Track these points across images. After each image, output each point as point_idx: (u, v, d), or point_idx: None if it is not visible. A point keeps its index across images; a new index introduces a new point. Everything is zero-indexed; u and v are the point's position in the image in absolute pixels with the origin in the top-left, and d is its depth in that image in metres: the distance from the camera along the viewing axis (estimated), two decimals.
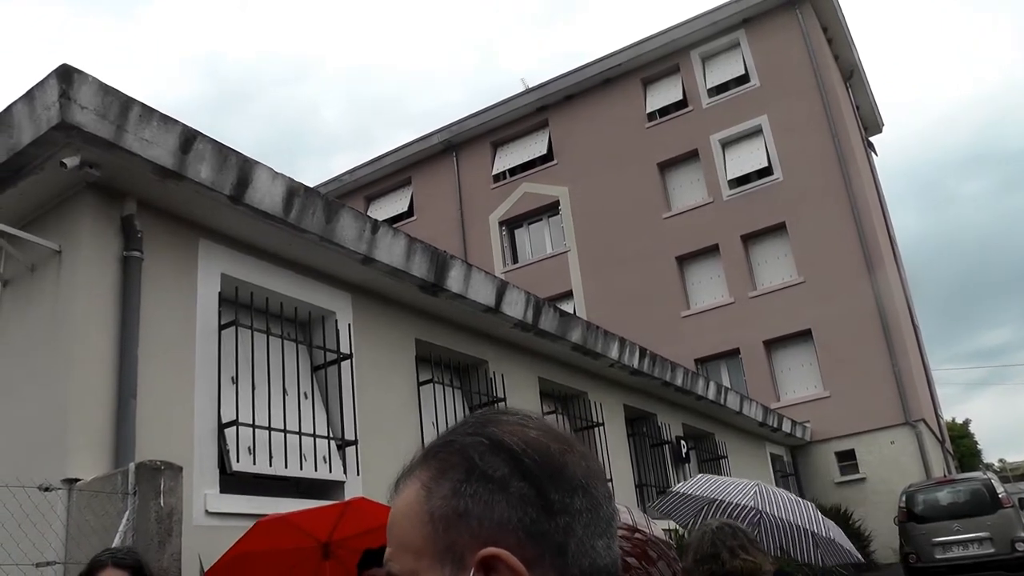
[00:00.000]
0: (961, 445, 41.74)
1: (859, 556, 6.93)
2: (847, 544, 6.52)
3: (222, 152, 5.52)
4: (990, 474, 14.39)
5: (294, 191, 6.08)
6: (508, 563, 0.77)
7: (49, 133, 4.68)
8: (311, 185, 6.44)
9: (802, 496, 19.20)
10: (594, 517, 0.84)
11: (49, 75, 4.67)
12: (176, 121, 5.21)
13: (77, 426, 4.79)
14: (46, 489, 4.32)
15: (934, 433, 22.14)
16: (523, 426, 0.87)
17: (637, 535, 4.04)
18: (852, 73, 26.16)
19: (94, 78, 4.75)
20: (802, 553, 6.50)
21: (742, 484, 6.84)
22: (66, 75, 4.62)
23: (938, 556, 11.93)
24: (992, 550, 11.68)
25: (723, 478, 7.18)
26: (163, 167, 5.11)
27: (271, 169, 5.91)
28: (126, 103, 4.90)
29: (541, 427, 0.87)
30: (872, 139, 30.29)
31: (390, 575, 0.85)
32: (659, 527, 4.02)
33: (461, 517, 0.81)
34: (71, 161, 4.80)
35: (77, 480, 4.63)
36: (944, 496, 12.87)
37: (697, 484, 6.85)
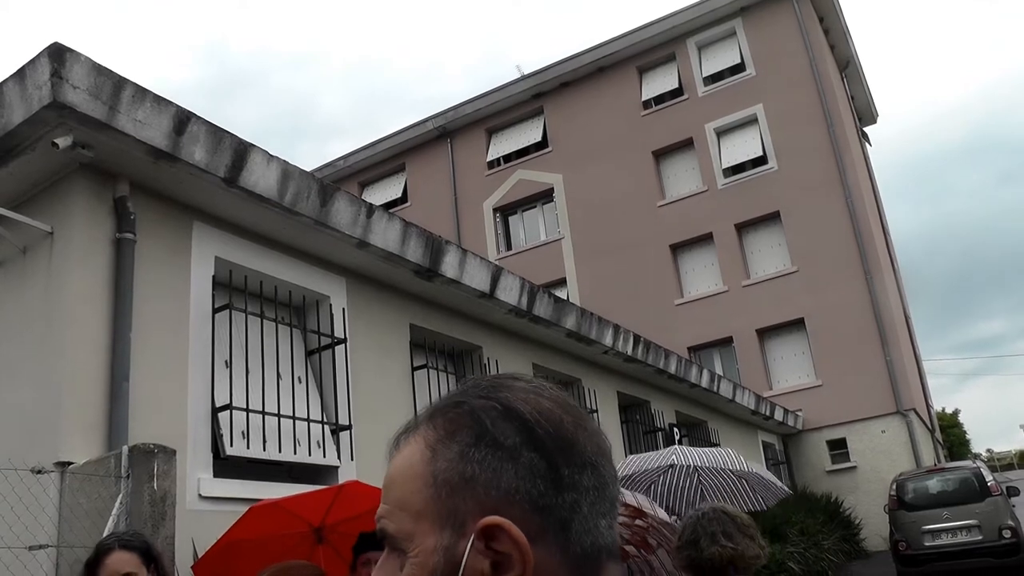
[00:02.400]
0: (951, 435, 42.01)
1: (787, 489, 7.05)
2: (775, 480, 6.64)
3: (216, 134, 5.47)
4: (979, 463, 14.46)
5: (289, 174, 6.04)
6: (511, 534, 0.75)
7: (41, 112, 4.63)
8: (306, 170, 6.40)
9: (793, 484, 19.34)
10: (600, 496, 0.82)
11: (40, 53, 4.61)
12: (170, 102, 5.16)
13: (70, 409, 4.76)
14: (39, 472, 4.30)
15: (925, 423, 22.24)
16: (537, 395, 0.84)
17: (638, 522, 4.03)
18: (848, 64, 26.14)
19: (86, 57, 4.69)
20: (746, 500, 6.57)
21: (667, 451, 6.92)
22: (58, 54, 4.57)
23: (927, 543, 11.99)
24: (980, 537, 11.76)
25: (645, 454, 7.19)
26: (157, 148, 5.06)
27: (266, 152, 5.87)
28: (119, 83, 4.84)
29: (555, 398, 0.85)
30: (869, 131, 30.32)
31: (383, 533, 0.83)
32: (663, 511, 4.02)
33: (467, 483, 0.79)
34: (63, 141, 4.75)
35: (70, 463, 4.61)
36: (934, 484, 12.93)
37: (626, 465, 6.86)
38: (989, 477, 12.71)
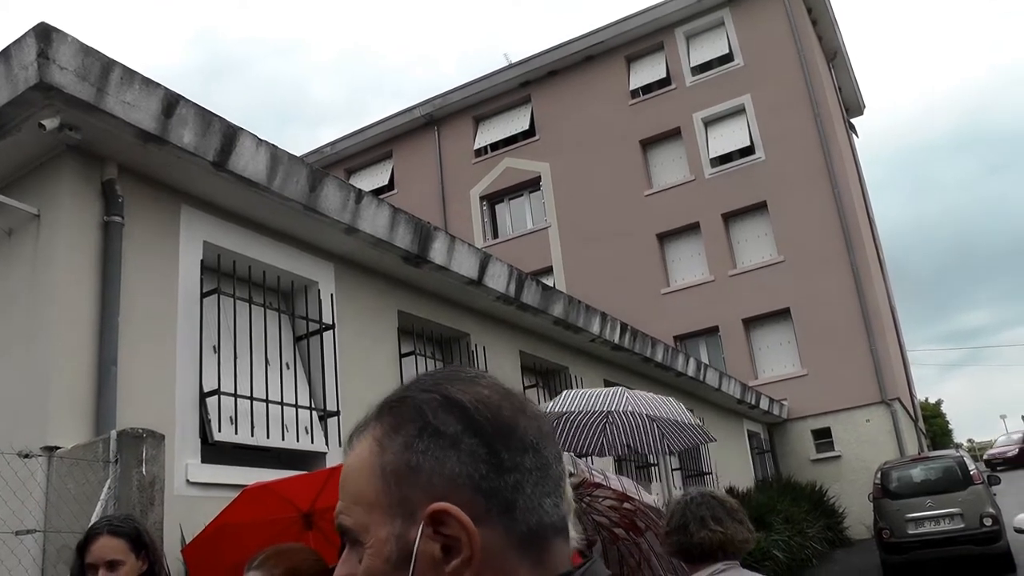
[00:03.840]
0: (934, 425, 42.36)
1: (708, 436, 7.05)
2: (695, 427, 6.60)
3: (205, 117, 5.43)
4: (962, 452, 14.57)
5: (278, 159, 6.00)
6: (457, 518, 0.79)
7: (27, 93, 4.57)
8: (295, 155, 6.36)
9: (778, 473, 19.45)
10: (543, 476, 0.85)
11: (26, 33, 4.55)
12: (158, 84, 5.12)
13: (57, 393, 4.73)
14: (26, 456, 4.26)
15: (908, 412, 22.41)
16: (476, 384, 0.88)
17: (627, 505, 4.05)
18: (835, 55, 26.19)
19: (74, 38, 4.64)
20: (647, 444, 6.58)
21: (602, 392, 6.88)
22: (44, 34, 4.51)
23: (910, 531, 12.07)
24: (962, 525, 11.84)
25: (586, 391, 7.14)
26: (145, 131, 5.01)
27: (255, 136, 5.83)
28: (107, 65, 4.79)
29: (494, 386, 0.89)
30: (856, 123, 30.41)
31: (341, 529, 0.87)
32: (649, 496, 4.04)
33: (412, 472, 0.82)
34: (50, 123, 4.70)
35: (57, 447, 4.58)
36: (918, 473, 13.01)
37: (560, 402, 6.82)
38: (972, 466, 12.81)
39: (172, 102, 5.19)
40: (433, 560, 0.79)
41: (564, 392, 7.22)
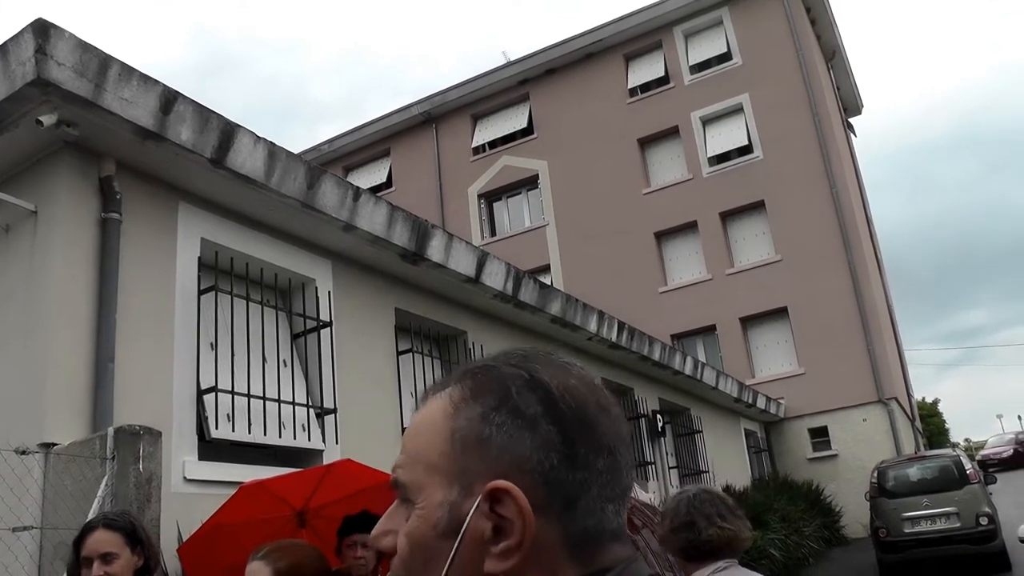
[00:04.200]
0: (930, 424, 42.42)
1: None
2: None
3: (203, 114, 5.42)
4: (958, 451, 14.60)
5: (276, 156, 6.00)
6: (517, 501, 0.76)
7: (24, 89, 4.56)
8: (293, 152, 6.35)
9: (775, 471, 19.47)
10: (612, 480, 0.82)
11: (24, 29, 4.54)
12: (156, 81, 5.11)
13: (54, 389, 4.72)
14: (22, 452, 4.26)
15: (905, 412, 22.44)
16: (566, 372, 0.85)
17: None
18: (834, 54, 26.21)
19: (71, 34, 4.63)
20: None
21: None
22: (42, 30, 4.50)
23: (907, 530, 12.09)
24: (958, 524, 11.86)
25: None
26: (143, 128, 5.01)
27: (253, 133, 5.82)
28: (105, 61, 4.79)
29: (583, 378, 0.86)
30: (854, 123, 30.43)
31: (395, 482, 0.84)
32: (644, 493, 4.04)
33: (482, 444, 0.80)
34: (48, 119, 4.69)
35: (54, 444, 4.57)
36: (914, 472, 13.03)
37: None
38: (968, 465, 12.83)
39: (170, 99, 5.18)
40: (482, 538, 0.77)
41: None
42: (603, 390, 0.87)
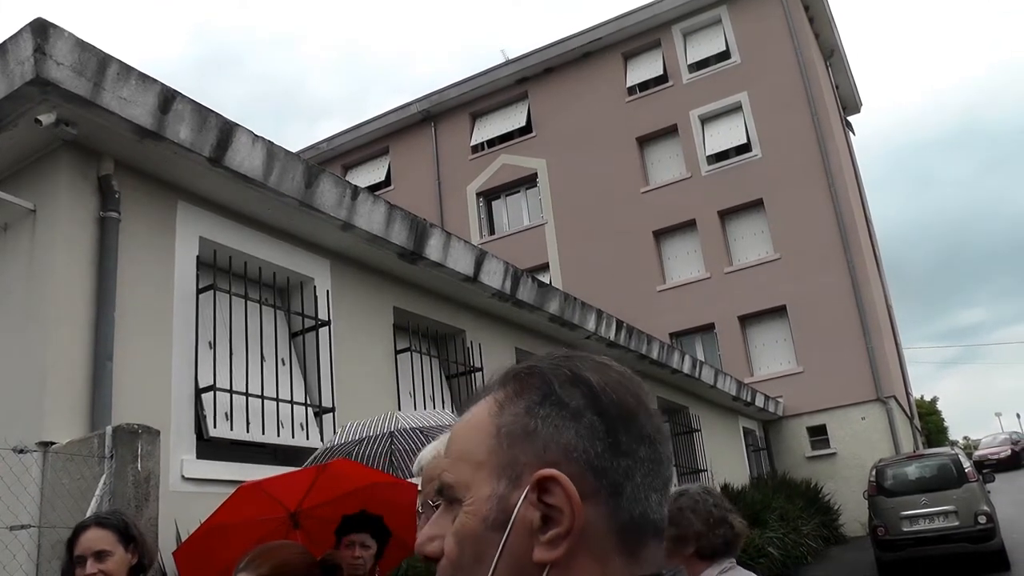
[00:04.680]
0: (929, 422, 42.47)
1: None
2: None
3: (201, 113, 5.43)
4: (957, 450, 14.61)
5: (274, 155, 6.00)
6: (565, 488, 0.78)
7: (23, 88, 4.57)
8: (291, 151, 6.35)
9: (773, 470, 19.48)
10: (654, 470, 0.84)
11: (23, 28, 4.55)
12: (155, 80, 5.12)
13: (53, 388, 4.73)
14: (21, 451, 4.27)
15: (904, 410, 22.45)
16: (606, 369, 0.88)
17: None
18: (832, 53, 26.21)
19: (70, 33, 4.64)
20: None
21: (376, 418, 6.36)
22: (41, 29, 4.51)
23: (905, 529, 12.10)
24: (957, 523, 11.87)
25: (361, 421, 6.55)
26: (142, 127, 5.02)
27: (251, 132, 5.83)
28: (103, 60, 4.79)
29: (623, 373, 0.88)
30: (853, 121, 30.43)
31: (443, 486, 0.85)
32: None
33: (528, 436, 0.81)
34: (46, 118, 4.70)
35: (52, 443, 4.58)
36: (913, 471, 13.03)
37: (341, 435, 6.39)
38: (967, 463, 12.84)
39: (168, 98, 5.19)
40: (531, 527, 0.78)
41: (346, 425, 6.71)
42: (642, 385, 0.89)
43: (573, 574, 0.78)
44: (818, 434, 20.44)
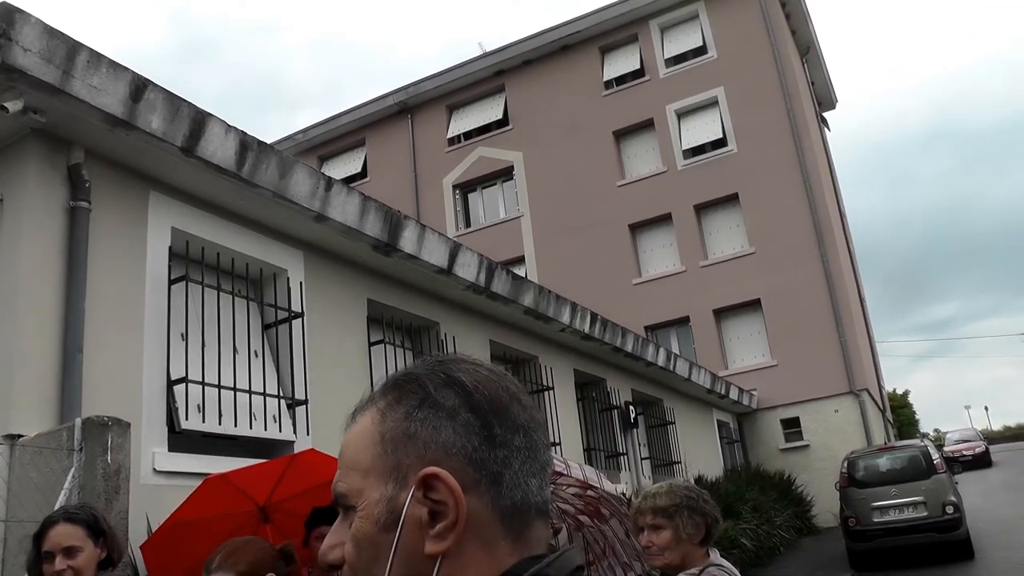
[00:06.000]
0: (901, 415, 42.95)
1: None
2: None
3: (174, 102, 5.37)
4: (927, 442, 14.79)
5: (247, 145, 5.95)
6: (447, 483, 0.82)
7: None
8: (265, 141, 6.31)
9: (747, 462, 19.62)
10: (531, 456, 0.89)
11: None
12: (126, 68, 5.05)
13: (20, 380, 4.67)
14: None
15: (876, 403, 22.68)
16: (478, 369, 0.93)
17: (590, 492, 4.07)
18: (808, 49, 26.36)
19: (38, 19, 4.57)
20: None
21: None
22: (7, 14, 4.43)
23: (876, 520, 12.26)
24: (925, 513, 12.06)
25: None
26: (112, 116, 4.95)
27: (224, 122, 5.77)
28: (73, 47, 4.73)
29: (495, 371, 0.94)
30: (829, 117, 30.65)
31: (336, 496, 0.90)
32: (609, 484, 4.06)
33: (409, 439, 0.86)
34: (13, 106, 4.63)
35: (20, 435, 4.52)
36: (884, 462, 13.20)
37: None
38: (936, 455, 13.02)
39: (140, 86, 5.13)
40: (420, 523, 0.83)
41: None
42: (513, 380, 0.95)
43: (464, 561, 0.83)
44: (791, 426, 20.62)
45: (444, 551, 0.82)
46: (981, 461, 30.66)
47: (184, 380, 5.65)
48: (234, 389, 6.07)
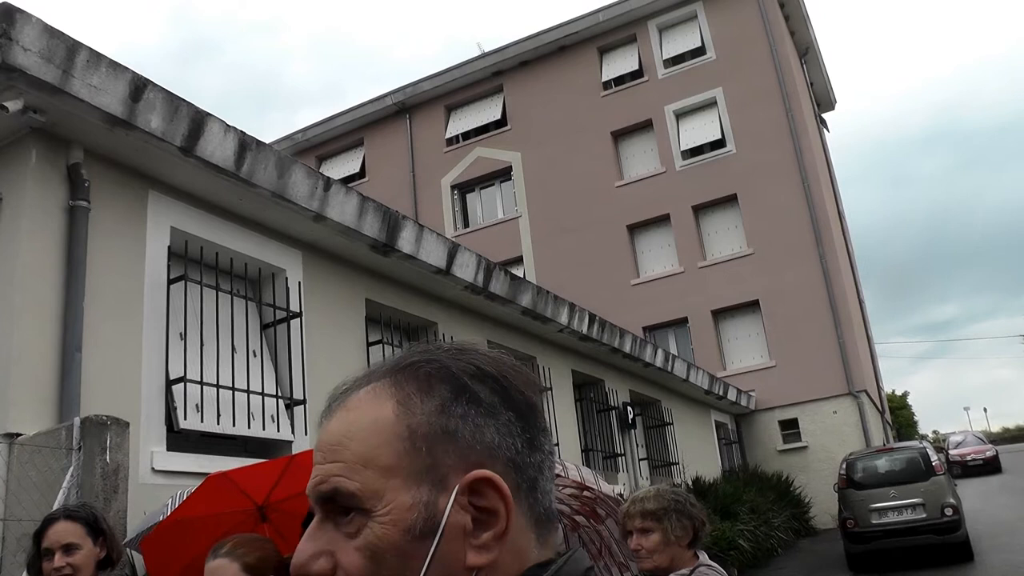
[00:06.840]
0: (899, 416, 42.98)
1: None
2: None
3: (173, 102, 5.38)
4: (925, 443, 14.79)
5: (246, 145, 5.96)
6: (499, 488, 0.76)
7: None
8: (263, 141, 6.31)
9: (745, 463, 19.63)
10: (552, 461, 0.85)
11: None
12: (126, 68, 5.06)
13: (20, 379, 4.67)
14: None
15: (875, 404, 22.69)
16: (501, 363, 0.85)
17: (586, 493, 4.08)
18: (807, 50, 26.37)
19: (38, 19, 4.57)
20: None
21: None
22: (7, 14, 4.44)
23: (874, 521, 12.25)
24: (924, 515, 12.05)
25: None
26: (112, 115, 4.96)
27: (223, 122, 5.78)
28: (73, 47, 4.73)
29: (515, 366, 0.86)
30: (828, 118, 30.67)
31: (335, 493, 0.77)
32: (606, 485, 4.07)
33: (449, 437, 0.77)
34: (13, 105, 4.64)
35: (19, 434, 4.53)
36: (882, 464, 13.20)
37: None
38: (934, 457, 13.01)
39: (140, 86, 5.14)
40: (463, 532, 0.75)
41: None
42: (533, 376, 0.88)
43: (499, 572, 0.76)
44: (790, 428, 20.63)
45: (489, 564, 0.75)
46: (991, 466, 29.95)
47: (183, 379, 5.66)
48: (232, 389, 6.07)
